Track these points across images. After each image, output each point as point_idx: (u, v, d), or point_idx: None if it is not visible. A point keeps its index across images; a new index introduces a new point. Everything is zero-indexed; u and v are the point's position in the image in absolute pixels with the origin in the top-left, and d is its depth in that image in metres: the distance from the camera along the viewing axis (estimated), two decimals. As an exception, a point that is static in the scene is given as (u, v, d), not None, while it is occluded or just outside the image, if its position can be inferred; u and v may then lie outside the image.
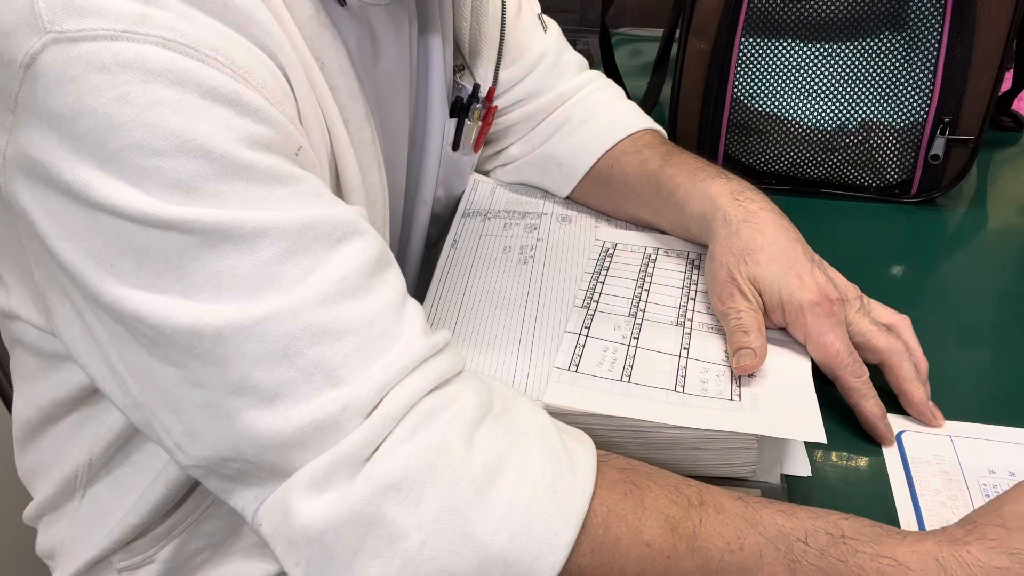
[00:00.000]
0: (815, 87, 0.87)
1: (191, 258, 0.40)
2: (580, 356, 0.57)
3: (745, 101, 0.89)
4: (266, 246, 0.40)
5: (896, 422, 0.59)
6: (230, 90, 0.41)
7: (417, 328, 0.45)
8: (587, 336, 0.59)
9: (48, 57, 0.38)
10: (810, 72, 0.87)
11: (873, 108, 0.87)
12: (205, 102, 0.40)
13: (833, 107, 0.87)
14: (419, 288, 0.71)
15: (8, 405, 0.96)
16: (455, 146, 0.72)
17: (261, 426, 0.41)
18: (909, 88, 0.85)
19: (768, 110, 0.89)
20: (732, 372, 0.56)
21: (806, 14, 0.85)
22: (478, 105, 0.72)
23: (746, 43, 0.87)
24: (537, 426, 0.46)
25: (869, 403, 0.58)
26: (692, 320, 0.62)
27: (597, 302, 0.63)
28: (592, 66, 0.85)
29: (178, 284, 0.40)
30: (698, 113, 0.92)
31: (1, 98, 0.41)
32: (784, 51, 0.87)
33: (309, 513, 0.40)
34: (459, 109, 0.71)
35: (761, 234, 0.61)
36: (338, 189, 0.54)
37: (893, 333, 0.60)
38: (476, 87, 0.71)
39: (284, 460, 0.41)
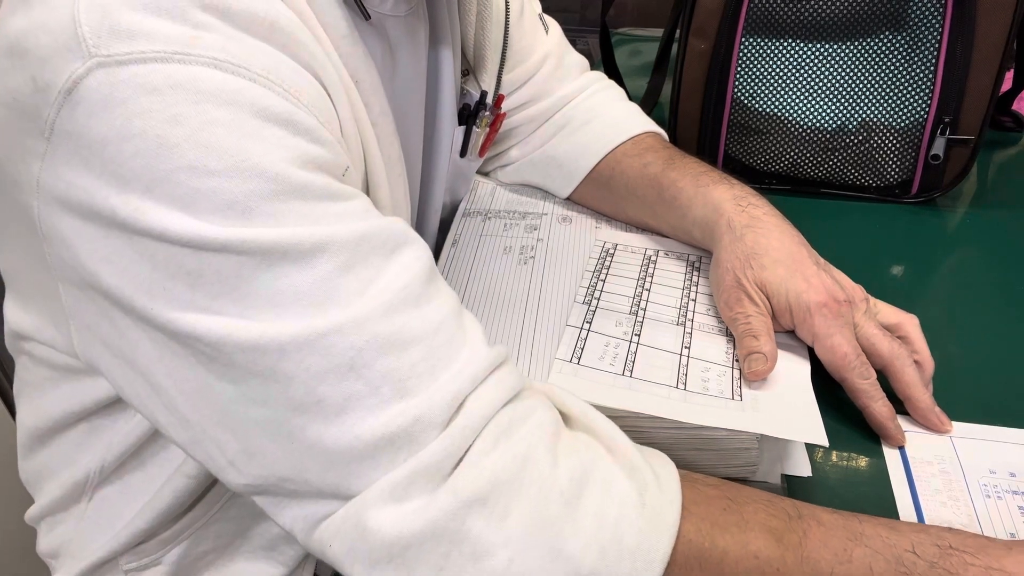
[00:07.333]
0: (815, 87, 0.87)
1: (247, 279, 0.39)
2: (582, 350, 0.57)
3: (745, 101, 0.90)
4: (324, 261, 0.40)
5: (896, 422, 0.59)
6: (283, 110, 0.40)
7: (479, 336, 0.45)
8: (589, 330, 0.59)
9: (93, 81, 0.37)
10: (810, 72, 0.87)
11: (873, 108, 0.87)
12: (259, 121, 0.39)
13: (833, 107, 0.87)
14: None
15: (9, 406, 0.96)
16: (463, 153, 0.72)
17: (328, 442, 0.40)
18: (909, 88, 0.85)
19: (768, 110, 0.89)
20: (733, 373, 0.57)
21: (806, 14, 0.85)
22: (486, 112, 0.71)
23: (746, 43, 0.87)
24: (615, 441, 0.45)
25: (877, 404, 0.58)
26: (692, 321, 0.62)
27: (598, 299, 0.63)
28: (592, 66, 0.85)
29: (235, 306, 0.39)
30: (698, 113, 0.92)
31: (34, 125, 0.39)
32: (784, 51, 0.87)
33: (391, 525, 0.39)
34: (467, 116, 0.71)
35: (766, 238, 0.61)
36: None
37: (897, 339, 0.59)
38: (484, 94, 0.71)
39: (348, 480, 0.40)
